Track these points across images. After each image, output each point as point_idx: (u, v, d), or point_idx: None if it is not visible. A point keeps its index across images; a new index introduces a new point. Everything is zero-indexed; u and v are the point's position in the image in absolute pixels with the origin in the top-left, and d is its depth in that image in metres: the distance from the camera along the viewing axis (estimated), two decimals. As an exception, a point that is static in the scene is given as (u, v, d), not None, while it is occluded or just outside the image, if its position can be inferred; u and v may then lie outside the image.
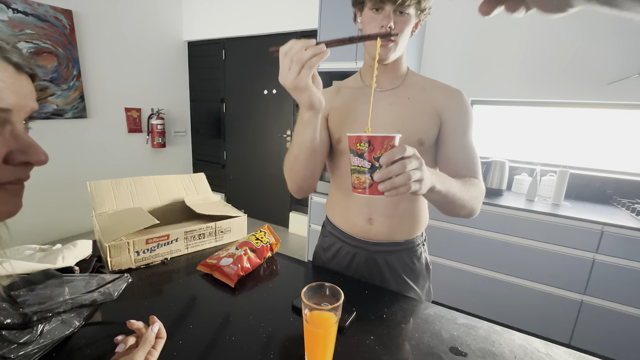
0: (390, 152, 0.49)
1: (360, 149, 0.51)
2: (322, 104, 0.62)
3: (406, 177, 0.49)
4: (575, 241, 1.56)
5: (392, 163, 0.49)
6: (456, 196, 0.64)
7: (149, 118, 3.29)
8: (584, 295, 1.58)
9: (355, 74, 0.85)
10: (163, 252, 0.88)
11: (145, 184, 1.09)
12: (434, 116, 0.75)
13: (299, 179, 0.75)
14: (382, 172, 0.49)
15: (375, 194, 0.52)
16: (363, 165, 0.52)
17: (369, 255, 0.82)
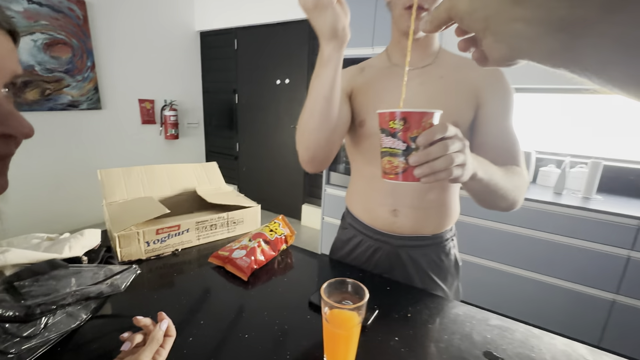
0: (430, 131, 0.42)
1: (394, 128, 0.44)
2: (347, 34, 0.53)
3: (448, 160, 0.42)
4: (608, 237, 1.46)
5: (431, 144, 0.42)
6: (498, 185, 0.57)
7: (162, 109, 3.29)
8: (616, 295, 1.48)
9: (380, 53, 0.78)
10: (174, 242, 0.85)
11: (156, 173, 1.06)
12: (470, 97, 0.67)
13: (312, 144, 0.64)
14: (420, 155, 0.42)
15: (409, 181, 0.45)
16: (396, 147, 0.45)
17: (392, 250, 0.76)
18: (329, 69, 0.55)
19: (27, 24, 2.32)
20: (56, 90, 2.53)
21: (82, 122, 2.77)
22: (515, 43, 0.25)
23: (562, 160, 1.84)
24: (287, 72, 3.03)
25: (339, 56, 0.55)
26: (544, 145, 1.98)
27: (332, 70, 0.56)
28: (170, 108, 3.30)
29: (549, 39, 0.23)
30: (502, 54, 0.26)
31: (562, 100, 1.93)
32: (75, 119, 2.72)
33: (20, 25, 2.30)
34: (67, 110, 2.63)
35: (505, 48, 0.26)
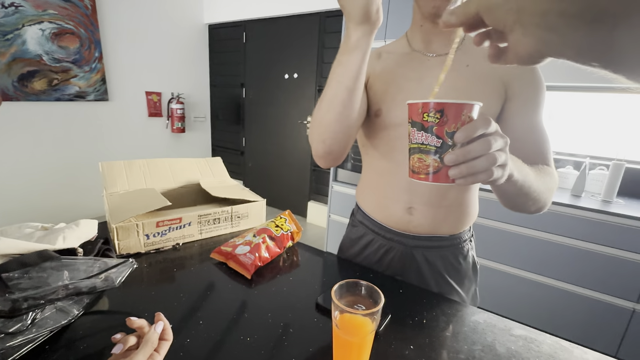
0: (470, 126, 0.37)
1: (428, 121, 0.39)
2: (380, 18, 0.47)
3: (490, 160, 0.37)
4: (630, 243, 1.39)
5: (470, 141, 0.37)
6: (532, 188, 0.52)
7: (169, 102, 3.27)
8: (637, 304, 1.41)
9: (400, 38, 0.72)
10: (175, 236, 0.81)
11: (159, 166, 1.02)
12: (498, 88, 0.62)
13: (329, 137, 0.57)
14: (458, 153, 0.37)
15: (442, 182, 0.40)
16: (430, 143, 0.39)
17: (406, 251, 0.71)
18: (355, 57, 0.50)
19: (36, 12, 2.31)
20: (63, 80, 2.52)
21: (88, 113, 2.76)
22: (547, 36, 0.24)
23: (581, 161, 1.77)
24: (296, 67, 2.98)
25: (368, 42, 0.49)
26: (561, 145, 1.91)
27: (359, 58, 0.50)
28: (177, 101, 3.27)
29: (584, 33, 0.21)
30: (530, 50, 0.25)
31: (583, 98, 1.85)
32: (82, 109, 2.71)
33: (29, 14, 2.28)
34: (74, 101, 2.62)
35: (535, 43, 0.25)
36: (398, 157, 0.66)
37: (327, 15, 2.68)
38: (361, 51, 0.49)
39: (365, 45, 0.49)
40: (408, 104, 0.41)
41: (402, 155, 0.65)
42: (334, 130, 0.57)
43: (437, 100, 0.38)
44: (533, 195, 0.54)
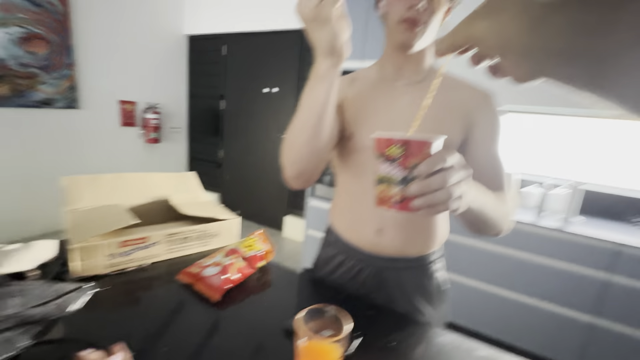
0: (431, 160, 0.40)
1: (392, 155, 0.41)
2: (346, 51, 0.50)
3: (447, 193, 0.40)
4: (588, 259, 1.48)
5: (431, 174, 0.39)
6: (489, 215, 0.55)
7: (144, 112, 3.19)
8: (594, 317, 1.49)
9: (372, 65, 0.75)
10: (141, 256, 0.78)
11: (129, 181, 0.99)
12: (460, 118, 0.66)
13: (299, 160, 0.60)
14: (419, 186, 0.40)
15: (405, 211, 0.43)
16: (394, 175, 0.42)
17: (377, 272, 0.72)
18: (323, 86, 0.52)
19: (2, 16, 2.21)
20: (29, 86, 2.40)
21: (56, 122, 2.63)
22: (536, 67, 0.25)
23: (544, 182, 1.88)
24: (276, 81, 3.01)
25: (334, 73, 0.52)
26: (527, 166, 2.02)
27: (326, 87, 0.53)
28: (153, 111, 3.20)
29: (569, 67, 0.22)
30: (523, 75, 0.26)
31: (546, 121, 1.98)
32: (48, 117, 2.58)
33: (-5, 17, 2.18)
34: (40, 107, 2.50)
35: (525, 70, 0.26)
36: (369, 180, 0.68)
37: (308, 33, 2.75)
38: (328, 81, 0.52)
39: (332, 76, 0.52)
40: (375, 139, 0.43)
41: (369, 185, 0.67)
42: (304, 154, 0.59)
43: (401, 136, 0.41)
44: (490, 222, 0.57)
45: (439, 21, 0.63)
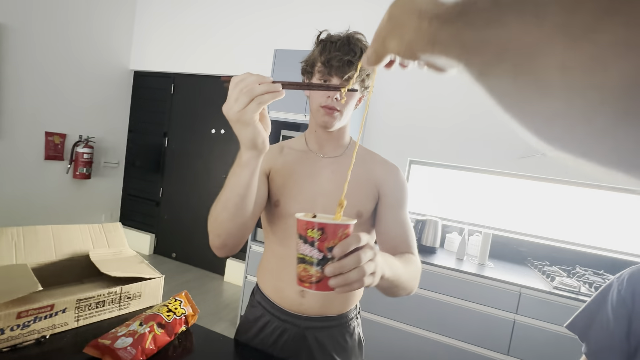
0: (345, 243, 0.43)
1: (311, 237, 0.45)
2: (266, 146, 0.55)
3: (360, 272, 0.43)
4: (498, 302, 1.66)
5: (345, 255, 0.43)
6: (400, 279, 0.61)
7: (75, 145, 2.95)
8: (507, 356, 1.64)
9: (299, 136, 0.84)
10: (42, 327, 0.70)
11: (39, 235, 0.91)
12: (372, 189, 0.76)
13: (224, 233, 0.64)
14: (335, 266, 0.43)
15: (323, 290, 0.45)
16: (312, 256, 0.45)
17: (299, 332, 0.75)
18: (245, 172, 0.58)
19: None
20: None
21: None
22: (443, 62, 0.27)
23: (463, 228, 2.11)
24: (224, 123, 3.04)
25: (256, 163, 0.57)
26: (449, 213, 2.26)
27: (248, 173, 0.58)
28: (86, 145, 2.98)
29: None
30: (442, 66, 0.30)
31: (463, 176, 2.27)
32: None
33: None
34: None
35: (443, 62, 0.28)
36: (293, 244, 0.73)
37: (257, 81, 2.88)
38: (250, 168, 0.57)
39: (254, 165, 0.57)
40: (297, 219, 0.47)
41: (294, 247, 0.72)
42: (227, 227, 0.63)
43: (318, 220, 0.45)
44: (402, 285, 0.63)
45: (353, 106, 0.75)
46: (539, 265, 1.92)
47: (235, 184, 0.59)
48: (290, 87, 0.52)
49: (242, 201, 0.60)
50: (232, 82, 0.49)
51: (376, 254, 0.48)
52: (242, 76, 0.48)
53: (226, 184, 0.61)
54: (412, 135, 2.34)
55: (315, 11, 2.60)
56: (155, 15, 3.24)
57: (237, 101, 0.48)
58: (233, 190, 0.59)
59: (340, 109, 0.71)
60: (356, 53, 0.69)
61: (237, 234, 0.64)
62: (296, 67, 2.28)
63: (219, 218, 0.62)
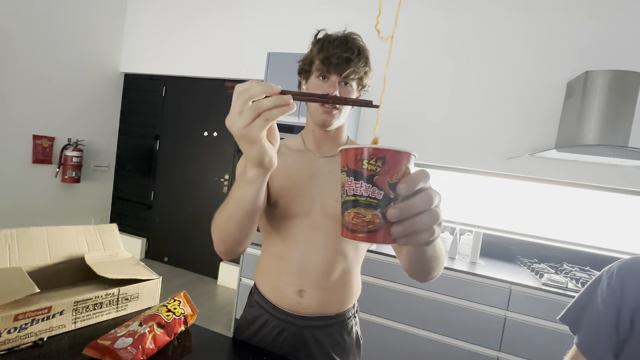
0: (412, 177, 0.34)
1: (369, 170, 0.34)
2: (274, 164, 0.50)
3: (434, 216, 0.35)
4: (490, 299, 1.70)
5: (412, 195, 0.34)
6: (438, 253, 0.55)
7: (64, 149, 2.90)
8: (499, 352, 1.67)
9: (296, 136, 0.85)
10: (39, 329, 0.70)
11: (33, 237, 0.90)
12: None
13: (230, 241, 0.63)
14: (402, 207, 0.34)
15: (382, 242, 0.35)
16: (370, 195, 0.34)
17: (297, 331, 0.76)
18: (252, 188, 0.54)
19: None
20: None
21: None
22: None
23: (455, 227, 2.15)
24: (216, 126, 3.03)
25: (263, 180, 0.53)
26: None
27: (255, 189, 0.54)
28: (75, 148, 2.93)
29: None
30: None
31: (454, 176, 2.32)
32: None
33: None
34: None
35: None
36: (291, 245, 0.74)
37: (250, 83, 2.89)
38: (256, 185, 0.53)
39: (261, 182, 0.53)
40: (341, 151, 0.38)
41: (295, 243, 0.74)
42: (234, 237, 0.63)
43: (378, 146, 0.34)
44: (438, 261, 0.57)
45: (349, 106, 0.77)
46: (528, 262, 1.97)
47: (241, 198, 0.56)
48: (301, 99, 0.43)
49: (249, 215, 0.58)
50: (235, 91, 0.42)
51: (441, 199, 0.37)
52: (247, 85, 0.41)
53: (231, 197, 0.58)
54: (404, 138, 2.38)
55: (309, 15, 2.63)
56: (146, 18, 3.22)
57: (241, 115, 0.41)
58: (239, 204, 0.57)
59: (339, 107, 0.73)
60: (354, 51, 0.70)
61: (243, 240, 0.64)
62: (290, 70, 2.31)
63: (225, 227, 0.62)
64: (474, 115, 2.23)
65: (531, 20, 2.12)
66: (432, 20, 2.31)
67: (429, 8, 2.31)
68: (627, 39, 1.96)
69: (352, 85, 0.73)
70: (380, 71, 0.81)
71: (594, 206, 2.04)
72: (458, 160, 2.26)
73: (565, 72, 2.05)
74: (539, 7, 2.11)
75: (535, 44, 2.12)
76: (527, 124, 2.13)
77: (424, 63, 2.33)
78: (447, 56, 2.28)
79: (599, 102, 1.74)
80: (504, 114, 2.17)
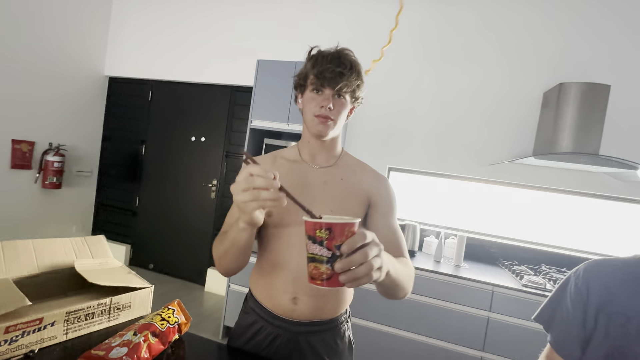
0: (352, 240, 0.46)
1: (320, 237, 0.47)
2: (260, 223, 0.63)
3: (368, 266, 0.46)
4: (473, 300, 1.76)
5: (353, 251, 0.46)
6: (400, 279, 0.64)
7: (44, 153, 2.82)
8: (483, 352, 1.73)
9: (292, 146, 0.88)
10: (30, 341, 0.69)
11: (19, 249, 0.88)
12: (363, 198, 0.80)
13: (228, 268, 0.75)
14: (344, 262, 0.46)
15: (335, 286, 0.48)
16: (322, 254, 0.47)
17: (292, 337, 0.78)
18: (243, 235, 0.65)
19: None
20: None
21: None
22: None
23: (440, 232, 2.22)
24: (204, 131, 3.02)
25: (252, 230, 0.65)
26: (427, 218, 2.37)
27: (246, 236, 0.65)
28: (56, 153, 2.85)
29: None
30: None
31: (440, 182, 2.39)
32: None
33: None
34: None
35: None
36: (285, 253, 0.77)
37: (237, 89, 2.89)
38: (247, 233, 0.64)
39: (250, 231, 0.64)
40: (305, 221, 0.49)
41: (289, 251, 0.76)
42: (229, 265, 0.74)
43: (325, 220, 0.48)
44: (402, 285, 0.67)
45: (344, 117, 0.80)
46: (509, 264, 2.05)
47: (235, 240, 0.67)
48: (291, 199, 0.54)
49: (242, 251, 0.69)
50: (245, 172, 0.53)
51: (382, 249, 0.50)
52: (256, 171, 0.52)
53: (226, 236, 0.70)
54: (391, 144, 2.45)
55: (298, 25, 2.66)
56: (131, 21, 3.18)
57: (242, 193, 0.53)
58: (233, 244, 0.68)
59: (334, 118, 0.76)
60: (346, 66, 0.73)
61: (238, 268, 0.76)
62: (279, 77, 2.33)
63: (223, 258, 0.73)
64: (457, 123, 2.31)
65: (510, 33, 2.23)
66: (418, 31, 2.39)
67: (413, 20, 2.39)
68: (595, 53, 2.09)
69: (345, 98, 0.76)
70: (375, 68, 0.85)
71: (570, 210, 2.15)
72: (443, 166, 2.34)
73: (541, 83, 2.16)
74: (516, 22, 2.22)
75: (513, 56, 2.23)
76: (507, 131, 2.23)
77: (410, 73, 2.40)
78: (431, 67, 2.36)
79: (572, 112, 1.85)
80: (486, 122, 2.26)
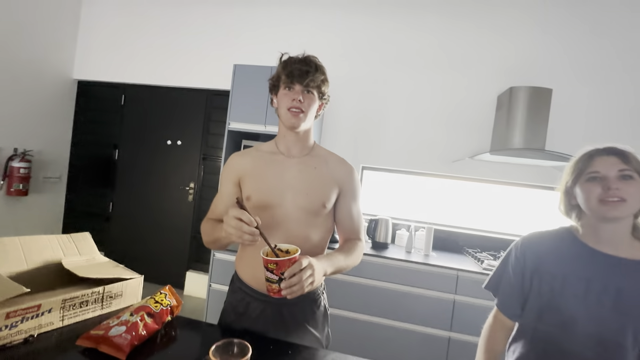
0: (291, 269, 0.71)
1: (271, 268, 0.73)
2: None
3: (301, 285, 0.71)
4: (440, 285, 1.92)
5: (292, 276, 0.71)
6: (341, 267, 0.86)
7: (9, 160, 2.71)
8: (450, 332, 1.89)
9: (270, 141, 0.98)
10: (29, 327, 0.74)
11: (7, 246, 0.91)
12: (333, 185, 0.92)
13: (215, 250, 0.88)
14: (285, 284, 0.71)
15: (281, 296, 0.74)
16: (273, 278, 0.73)
17: (276, 309, 0.88)
18: (226, 241, 0.84)
19: None
20: None
21: None
22: None
23: (410, 225, 2.38)
24: (180, 134, 3.02)
25: None
26: (398, 213, 2.53)
27: (228, 242, 0.84)
28: (22, 159, 2.75)
29: None
30: None
31: (410, 179, 2.56)
32: None
33: None
34: None
35: None
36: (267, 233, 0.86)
37: (214, 93, 2.93)
38: (229, 240, 0.81)
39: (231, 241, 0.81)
40: (262, 258, 0.73)
41: (270, 232, 0.85)
42: (217, 249, 0.88)
43: (274, 259, 0.72)
44: (344, 270, 0.89)
45: (314, 110, 0.91)
46: (472, 252, 2.24)
47: (219, 240, 0.85)
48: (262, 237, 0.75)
49: (226, 246, 0.89)
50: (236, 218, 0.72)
51: (314, 270, 0.74)
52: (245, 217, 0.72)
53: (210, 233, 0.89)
54: (364, 146, 2.59)
55: (272, 28, 2.76)
56: (101, 23, 3.13)
57: (231, 227, 0.73)
58: (218, 242, 0.86)
59: (304, 110, 0.87)
60: (312, 66, 0.87)
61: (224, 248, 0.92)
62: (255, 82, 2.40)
63: (210, 244, 0.90)
64: (424, 125, 2.50)
65: (465, 41, 2.46)
66: (392, 39, 2.57)
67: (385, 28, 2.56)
68: (541, 60, 2.36)
69: (313, 93, 0.88)
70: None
71: (523, 201, 2.39)
72: (412, 165, 2.51)
73: (495, 87, 2.40)
74: (470, 30, 2.45)
75: (470, 62, 2.45)
76: (467, 131, 2.44)
77: (377, 77, 2.57)
78: (398, 74, 2.54)
79: (522, 113, 2.08)
80: (448, 123, 2.47)
